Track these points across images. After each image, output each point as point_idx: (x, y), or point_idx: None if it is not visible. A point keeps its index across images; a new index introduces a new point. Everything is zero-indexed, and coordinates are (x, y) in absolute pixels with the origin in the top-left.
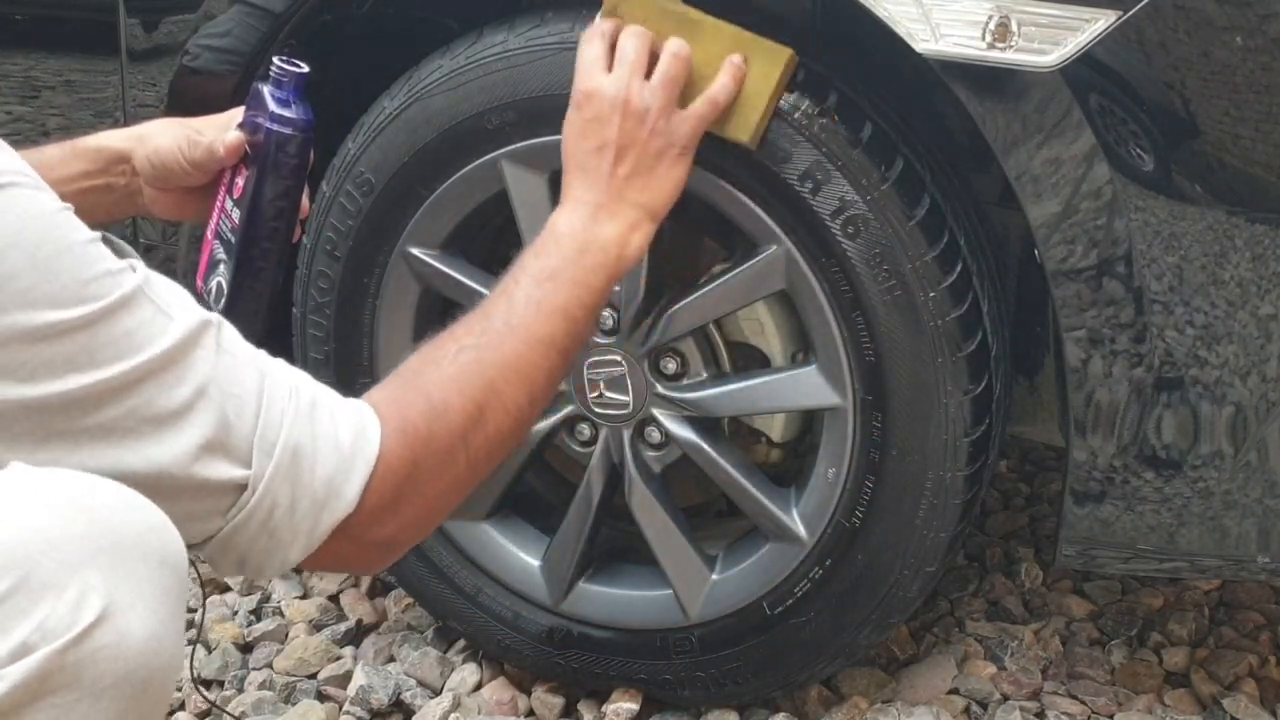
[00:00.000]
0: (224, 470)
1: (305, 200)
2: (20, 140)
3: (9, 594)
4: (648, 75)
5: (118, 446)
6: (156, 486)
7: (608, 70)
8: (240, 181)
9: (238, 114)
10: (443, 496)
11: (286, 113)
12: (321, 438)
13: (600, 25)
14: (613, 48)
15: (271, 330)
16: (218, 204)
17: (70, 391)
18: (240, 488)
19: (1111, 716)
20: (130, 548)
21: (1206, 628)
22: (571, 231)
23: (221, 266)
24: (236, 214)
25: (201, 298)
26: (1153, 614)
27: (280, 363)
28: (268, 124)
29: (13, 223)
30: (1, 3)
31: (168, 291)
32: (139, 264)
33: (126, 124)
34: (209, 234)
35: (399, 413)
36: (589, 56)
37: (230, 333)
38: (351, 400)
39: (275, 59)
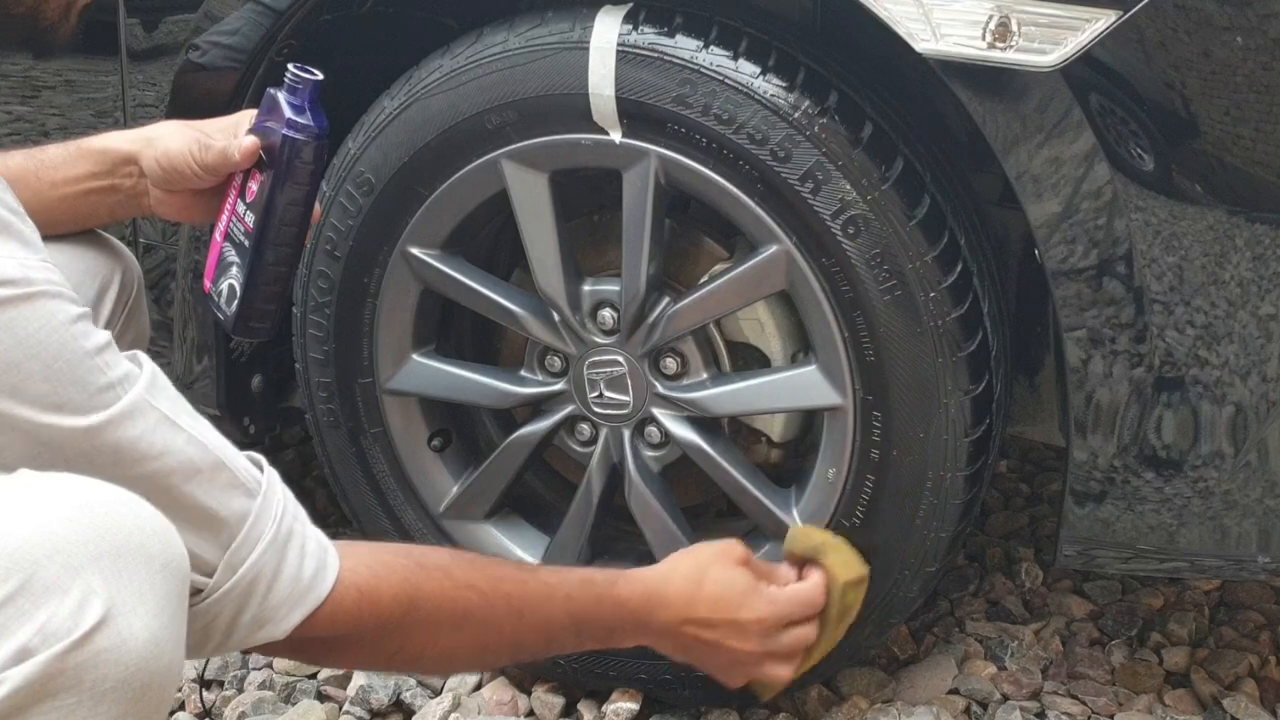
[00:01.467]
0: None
1: (317, 205)
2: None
3: (12, 597)
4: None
5: None
6: None
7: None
8: (254, 186)
9: (243, 117)
10: (359, 660)
11: (302, 119)
12: (286, 568)
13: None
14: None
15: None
16: (228, 207)
17: None
18: (196, 591)
19: (1111, 716)
20: (132, 552)
21: (1206, 628)
22: (637, 621)
23: (234, 269)
24: (250, 218)
25: (211, 299)
26: (1153, 614)
27: (272, 483)
28: (284, 130)
29: (34, 333)
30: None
31: (170, 400)
32: (145, 361)
33: (126, 123)
34: (218, 236)
35: (373, 581)
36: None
37: (232, 466)
38: (324, 540)
39: (290, 66)
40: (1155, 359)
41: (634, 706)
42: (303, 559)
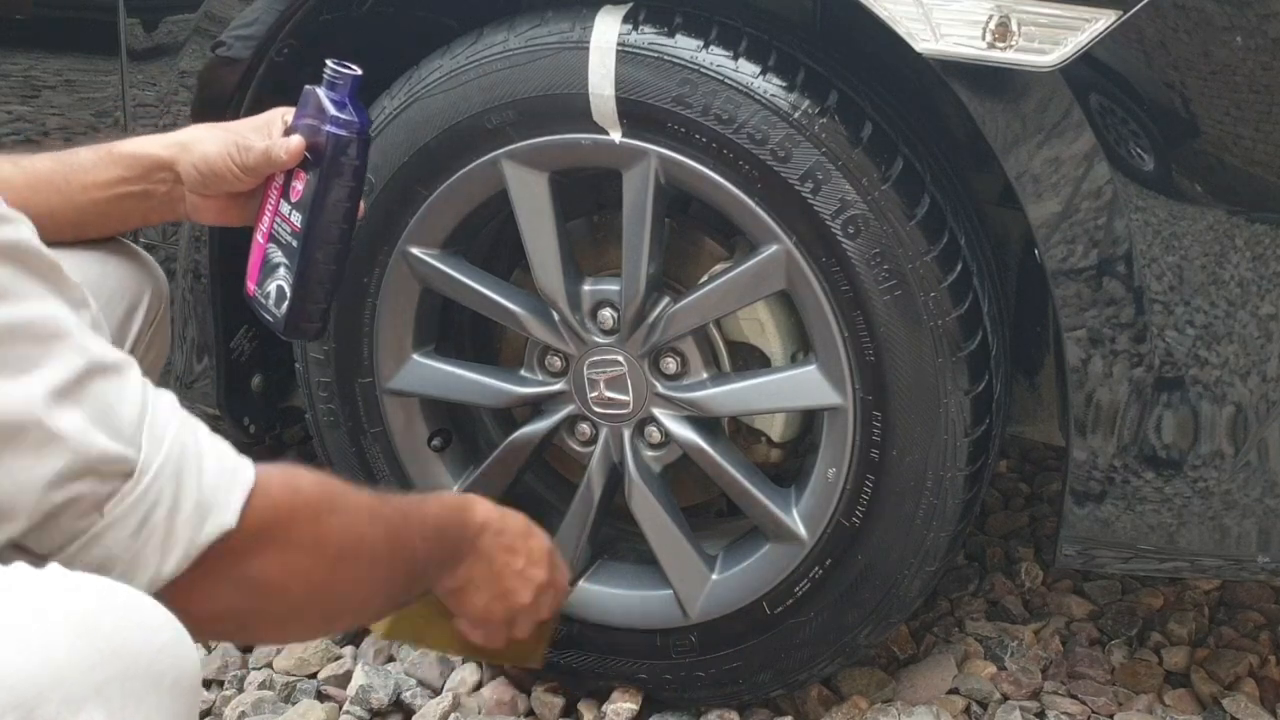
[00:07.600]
0: (110, 445)
1: (362, 202)
2: (20, 140)
3: None
4: None
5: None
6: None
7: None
8: (299, 185)
9: (275, 116)
10: (302, 561)
11: (345, 115)
12: (206, 446)
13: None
14: None
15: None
16: (269, 208)
17: None
18: (125, 474)
19: (1111, 716)
20: (140, 675)
21: (1206, 628)
22: (462, 534)
23: (282, 270)
24: (297, 217)
25: (256, 301)
26: (1153, 614)
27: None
28: (327, 127)
29: None
30: (2, 3)
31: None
32: (22, 219)
33: (126, 123)
34: (260, 238)
35: (290, 473)
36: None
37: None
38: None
39: (329, 62)
40: (1155, 359)
41: (634, 706)
42: (217, 444)
